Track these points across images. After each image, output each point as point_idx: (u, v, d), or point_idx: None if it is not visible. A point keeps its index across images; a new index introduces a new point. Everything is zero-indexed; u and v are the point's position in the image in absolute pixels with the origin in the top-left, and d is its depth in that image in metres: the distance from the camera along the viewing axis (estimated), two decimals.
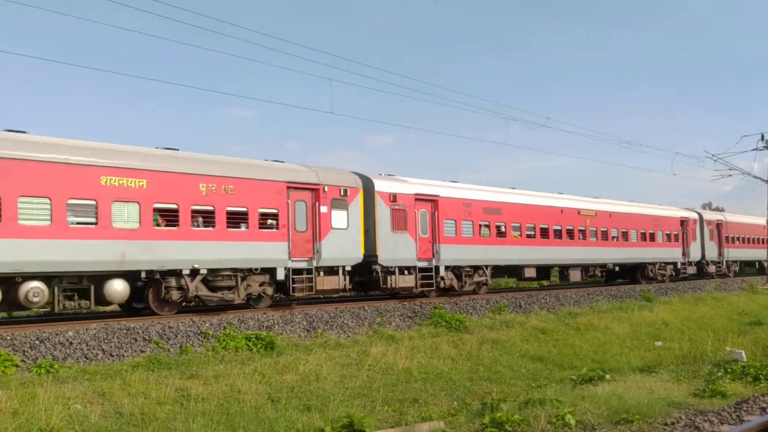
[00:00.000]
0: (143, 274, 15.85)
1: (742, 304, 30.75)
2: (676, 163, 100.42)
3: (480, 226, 24.75)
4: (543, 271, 29.51)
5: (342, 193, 19.92)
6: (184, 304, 17.27)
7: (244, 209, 17.55)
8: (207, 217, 16.91)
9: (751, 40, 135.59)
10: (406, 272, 21.77)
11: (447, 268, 23.21)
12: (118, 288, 15.38)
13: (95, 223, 14.95)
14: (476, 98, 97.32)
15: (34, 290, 14.18)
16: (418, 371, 15.15)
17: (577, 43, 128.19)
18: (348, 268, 20.09)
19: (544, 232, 27.78)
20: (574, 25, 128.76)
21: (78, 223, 14.77)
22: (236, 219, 17.43)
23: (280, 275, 18.19)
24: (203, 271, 16.76)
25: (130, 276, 15.65)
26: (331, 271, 19.65)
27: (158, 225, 16.10)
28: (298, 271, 18.67)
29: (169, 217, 16.24)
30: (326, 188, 19.47)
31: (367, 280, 21.39)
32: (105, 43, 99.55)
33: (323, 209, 19.29)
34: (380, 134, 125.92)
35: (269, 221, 18.27)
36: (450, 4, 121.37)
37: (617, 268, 33.11)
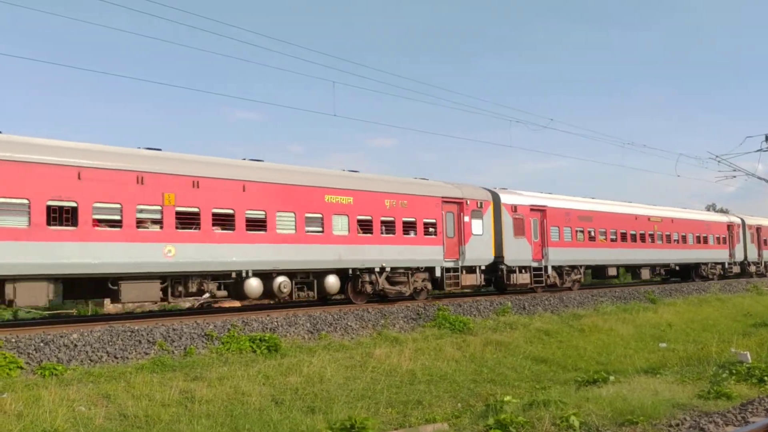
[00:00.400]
0: (350, 271, 20.08)
1: (746, 306, 30.64)
2: (679, 164, 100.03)
3: (576, 231, 28.94)
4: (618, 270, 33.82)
5: (479, 205, 24.10)
6: (372, 294, 20.92)
7: (414, 219, 21.79)
8: (389, 226, 21.01)
9: (752, 40, 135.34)
10: (523, 271, 25.93)
11: (552, 267, 27.35)
12: (333, 281, 19.75)
13: (322, 231, 19.23)
14: (478, 100, 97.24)
15: (284, 283, 18.53)
16: (422, 373, 15.13)
17: (579, 43, 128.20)
18: (483, 267, 24.06)
19: (624, 237, 32.21)
20: (575, 25, 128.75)
21: (310, 232, 18.97)
22: (408, 227, 21.56)
23: (438, 273, 22.26)
24: (388, 269, 20.89)
25: (339, 272, 19.94)
26: (471, 269, 23.61)
27: (359, 233, 20.12)
28: (447, 270, 22.58)
29: (366, 227, 20.40)
30: (468, 201, 23.63)
31: (492, 277, 25.41)
32: (103, 45, 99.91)
33: (466, 219, 23.39)
34: (382, 136, 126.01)
35: (430, 229, 22.28)
36: (451, 5, 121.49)
37: (678, 268, 37.62)
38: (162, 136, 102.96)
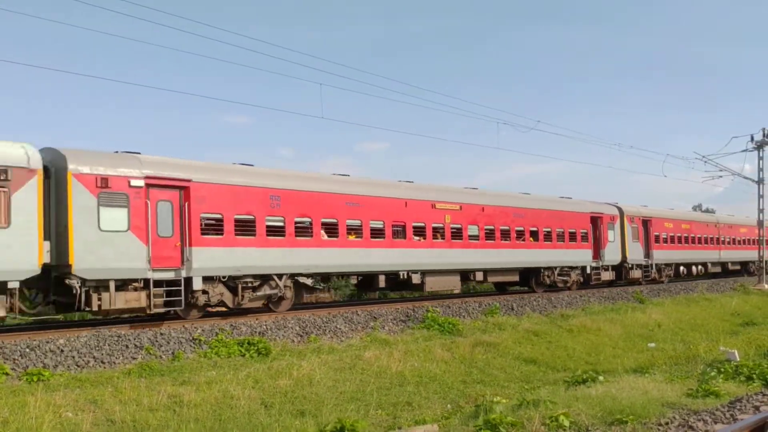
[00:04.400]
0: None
1: (734, 305, 30.89)
2: (666, 165, 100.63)
3: (267, 221, 18.30)
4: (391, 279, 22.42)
5: None
6: None
7: None
8: None
9: (737, 43, 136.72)
10: (129, 287, 15.63)
11: (210, 279, 17.11)
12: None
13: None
14: (466, 102, 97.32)
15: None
16: (412, 375, 15.12)
17: (567, 45, 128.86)
18: (13, 285, 13.83)
19: (377, 233, 21.20)
20: (559, 26, 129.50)
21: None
22: None
23: None
24: None
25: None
26: None
27: None
28: None
29: None
30: None
31: (62, 299, 15.32)
32: (89, 47, 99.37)
33: None
34: (374, 140, 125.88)
35: None
36: (437, 8, 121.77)
37: (481, 275, 25.30)
38: (150, 140, 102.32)
